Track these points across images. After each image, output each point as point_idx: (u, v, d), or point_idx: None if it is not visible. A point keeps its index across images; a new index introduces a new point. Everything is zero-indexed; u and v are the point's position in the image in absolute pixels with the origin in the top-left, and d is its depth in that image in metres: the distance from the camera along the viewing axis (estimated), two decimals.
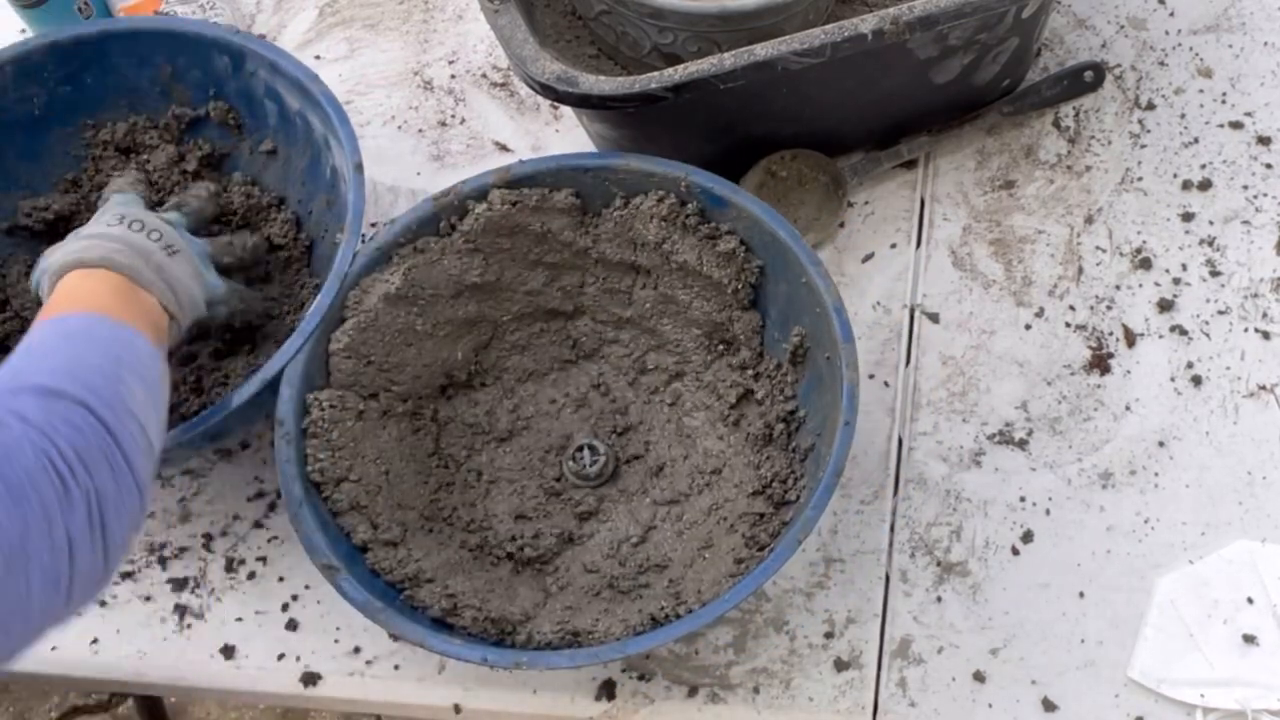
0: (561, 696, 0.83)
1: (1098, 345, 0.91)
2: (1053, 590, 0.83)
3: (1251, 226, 0.94)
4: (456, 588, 0.81)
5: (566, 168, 0.87)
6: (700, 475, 0.87)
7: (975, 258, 0.96)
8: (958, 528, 0.86)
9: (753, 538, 0.81)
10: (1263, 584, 0.82)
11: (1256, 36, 1.02)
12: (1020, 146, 1.00)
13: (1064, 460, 0.87)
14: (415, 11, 1.16)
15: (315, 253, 0.96)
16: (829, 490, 0.74)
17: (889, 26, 0.84)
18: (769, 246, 0.84)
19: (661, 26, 0.92)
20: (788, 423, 0.84)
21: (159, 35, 0.97)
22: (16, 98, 0.96)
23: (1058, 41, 1.04)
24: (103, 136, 0.99)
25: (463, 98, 1.10)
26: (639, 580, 0.83)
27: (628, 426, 0.90)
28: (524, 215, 0.87)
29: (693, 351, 0.90)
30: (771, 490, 0.83)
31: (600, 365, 0.93)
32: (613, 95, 0.85)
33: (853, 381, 0.76)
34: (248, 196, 0.98)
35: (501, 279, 0.89)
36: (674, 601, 0.77)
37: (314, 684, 0.86)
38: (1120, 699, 0.80)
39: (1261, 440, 0.87)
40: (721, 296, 0.87)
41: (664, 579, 0.83)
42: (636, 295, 0.90)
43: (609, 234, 0.88)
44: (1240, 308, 0.91)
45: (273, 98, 0.95)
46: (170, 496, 0.95)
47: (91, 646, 0.89)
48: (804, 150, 0.97)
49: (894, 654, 0.83)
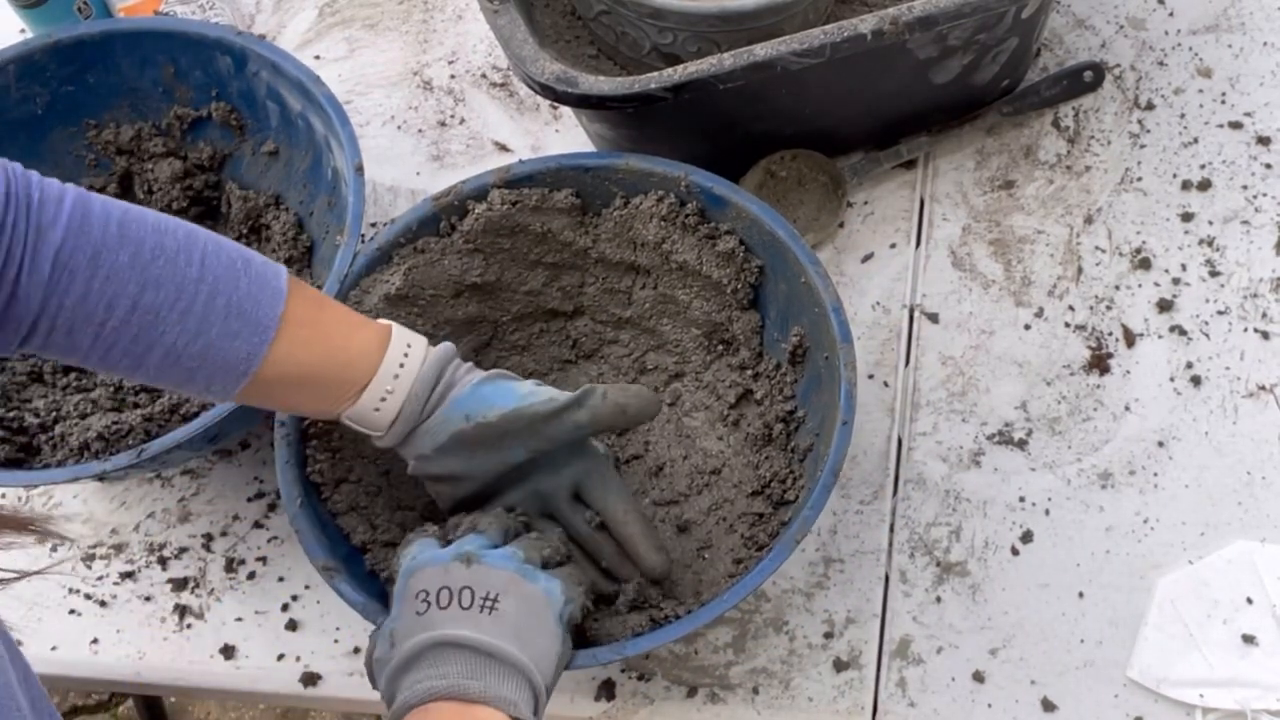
0: (561, 696, 0.83)
1: (1097, 345, 0.91)
2: (1052, 590, 0.83)
3: (1251, 226, 0.94)
4: None
5: (566, 167, 0.87)
6: (699, 475, 0.87)
7: (975, 258, 0.96)
8: (957, 528, 0.86)
9: (751, 538, 0.81)
10: (1262, 584, 0.82)
11: (1256, 36, 1.02)
12: (1020, 146, 1.00)
13: (1063, 460, 0.87)
14: (415, 11, 1.16)
15: (316, 254, 0.96)
16: (827, 489, 0.74)
17: (888, 27, 0.84)
18: (768, 246, 0.84)
19: (661, 26, 0.92)
20: (787, 423, 0.84)
21: (161, 36, 0.97)
22: (19, 97, 0.96)
23: (1057, 41, 1.04)
24: (105, 137, 0.99)
25: (462, 98, 1.10)
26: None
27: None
28: (524, 215, 0.87)
29: (692, 351, 0.90)
30: (770, 490, 0.83)
31: (600, 365, 0.93)
32: (612, 95, 0.85)
33: (851, 381, 0.76)
34: (246, 200, 0.99)
35: (501, 279, 0.89)
36: (672, 602, 0.77)
37: (314, 684, 0.87)
38: (1120, 699, 0.80)
39: (1261, 440, 0.87)
40: (721, 296, 0.87)
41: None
42: (636, 295, 0.90)
43: (609, 234, 0.88)
44: (1240, 308, 0.91)
45: (274, 99, 0.95)
46: (170, 496, 0.95)
47: (91, 646, 0.89)
48: (804, 150, 0.97)
49: (893, 654, 0.83)
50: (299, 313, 0.70)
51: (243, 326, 0.68)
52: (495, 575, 0.68)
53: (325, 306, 0.74)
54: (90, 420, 0.90)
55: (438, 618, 0.67)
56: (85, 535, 0.94)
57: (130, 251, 0.66)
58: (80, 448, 0.89)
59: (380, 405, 0.73)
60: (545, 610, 0.68)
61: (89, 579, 0.92)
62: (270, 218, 0.98)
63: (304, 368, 0.71)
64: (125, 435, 0.89)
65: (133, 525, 0.94)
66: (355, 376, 0.73)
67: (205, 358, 0.68)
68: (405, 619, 0.68)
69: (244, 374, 0.69)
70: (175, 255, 0.67)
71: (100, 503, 0.96)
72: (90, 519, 0.95)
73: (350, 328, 0.74)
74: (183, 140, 1.01)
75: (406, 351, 0.73)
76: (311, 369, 0.71)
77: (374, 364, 0.72)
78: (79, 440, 0.89)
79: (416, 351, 0.74)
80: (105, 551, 0.93)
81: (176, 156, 1.00)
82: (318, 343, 0.71)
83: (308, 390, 0.73)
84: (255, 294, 0.69)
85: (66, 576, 0.92)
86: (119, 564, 0.93)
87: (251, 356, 0.69)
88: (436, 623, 0.66)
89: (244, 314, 0.68)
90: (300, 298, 0.71)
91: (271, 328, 0.69)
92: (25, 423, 0.91)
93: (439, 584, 0.68)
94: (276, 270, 0.71)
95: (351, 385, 0.73)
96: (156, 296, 0.66)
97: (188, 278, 0.67)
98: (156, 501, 0.95)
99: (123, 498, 0.95)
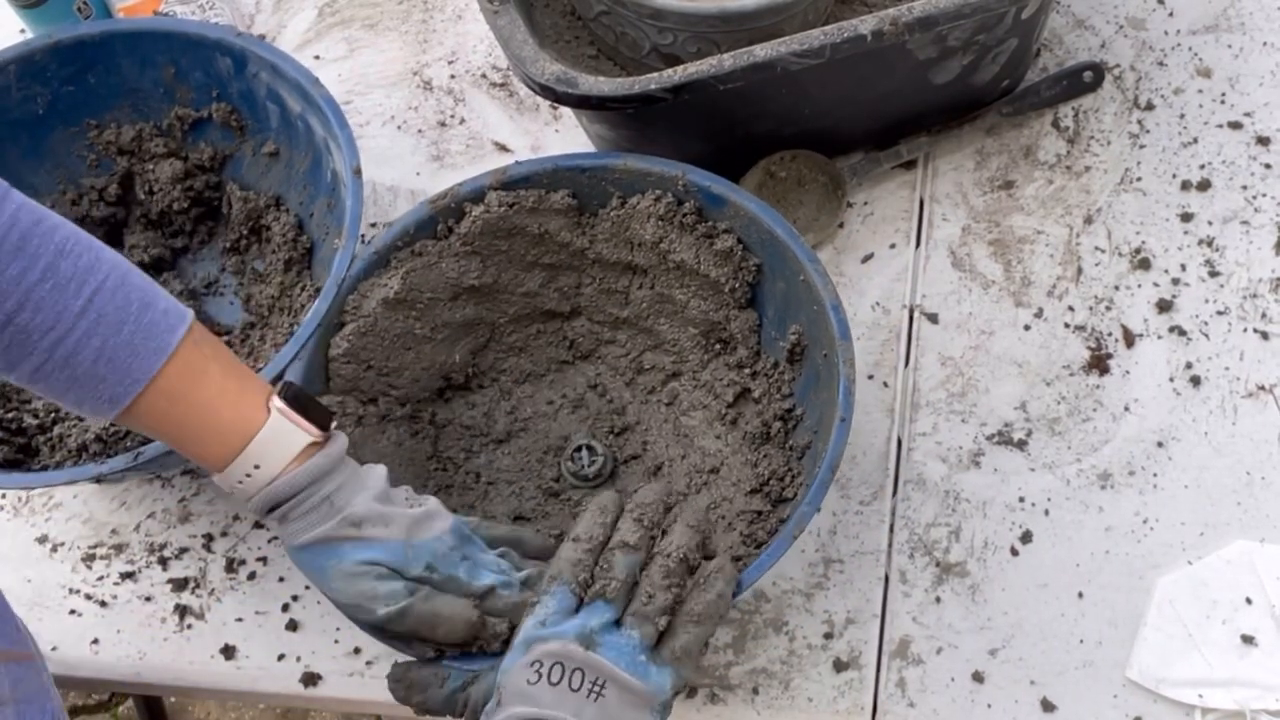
0: None
1: (1097, 346, 0.91)
2: (1051, 590, 0.83)
3: (1250, 227, 0.94)
4: None
5: (563, 168, 0.87)
6: (698, 474, 0.87)
7: (974, 258, 0.96)
8: (957, 528, 0.86)
9: (750, 535, 0.81)
10: (1261, 584, 0.82)
11: (1256, 36, 1.02)
12: (1019, 147, 1.00)
13: (1063, 461, 0.87)
14: (415, 11, 1.16)
15: (316, 255, 0.96)
16: (824, 486, 0.74)
17: (888, 27, 0.84)
18: (766, 245, 0.84)
19: (661, 27, 0.92)
20: (785, 421, 0.84)
21: (162, 36, 0.97)
22: (20, 97, 0.96)
23: (1057, 42, 1.04)
24: (106, 137, 0.99)
25: (462, 98, 1.10)
26: None
27: (625, 427, 0.91)
28: (521, 216, 0.87)
29: (690, 351, 0.90)
30: (769, 488, 0.83)
31: (597, 366, 0.93)
32: (612, 96, 0.85)
33: (849, 378, 0.76)
34: (246, 200, 0.99)
35: (499, 281, 0.89)
36: None
37: (314, 684, 0.87)
38: (1119, 699, 0.80)
39: (1260, 440, 0.87)
40: (719, 295, 0.87)
41: None
42: (633, 295, 0.90)
43: (606, 234, 0.88)
44: (1239, 308, 0.91)
45: (274, 100, 0.95)
46: (170, 496, 0.95)
47: (92, 646, 0.89)
48: (803, 151, 0.97)
49: (893, 654, 0.83)
50: (171, 382, 0.68)
51: (110, 373, 0.67)
52: (610, 669, 0.68)
53: (204, 381, 0.70)
54: (88, 422, 0.90)
55: (545, 695, 0.67)
56: (85, 535, 0.94)
57: (22, 266, 0.65)
58: (78, 449, 0.89)
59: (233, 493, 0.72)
60: (645, 706, 0.68)
61: (89, 579, 0.92)
62: (271, 219, 0.98)
63: (160, 434, 0.71)
64: (123, 437, 0.89)
65: (133, 525, 0.94)
66: (205, 463, 0.71)
67: (70, 387, 0.67)
68: (514, 681, 0.67)
69: (109, 412, 0.68)
70: (66, 283, 0.66)
71: (100, 503, 0.96)
72: (90, 519, 0.95)
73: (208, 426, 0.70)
74: (183, 141, 1.01)
75: (250, 473, 0.70)
76: (168, 437, 0.71)
77: (214, 469, 0.71)
78: (77, 442, 0.89)
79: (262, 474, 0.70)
80: (105, 552, 0.93)
81: (177, 157, 1.00)
82: (171, 424, 0.70)
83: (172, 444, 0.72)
84: (136, 345, 0.67)
85: (66, 576, 0.92)
86: (119, 564, 0.93)
87: (115, 401, 0.68)
88: (542, 700, 0.67)
89: (115, 362, 0.67)
90: (183, 363, 0.69)
91: (140, 383, 0.67)
92: (24, 424, 0.91)
93: (555, 658, 0.67)
94: (173, 325, 0.68)
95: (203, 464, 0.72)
96: (33, 318, 0.65)
97: (69, 309, 0.65)
98: (157, 502, 0.95)
99: (123, 498, 0.95)
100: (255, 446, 0.70)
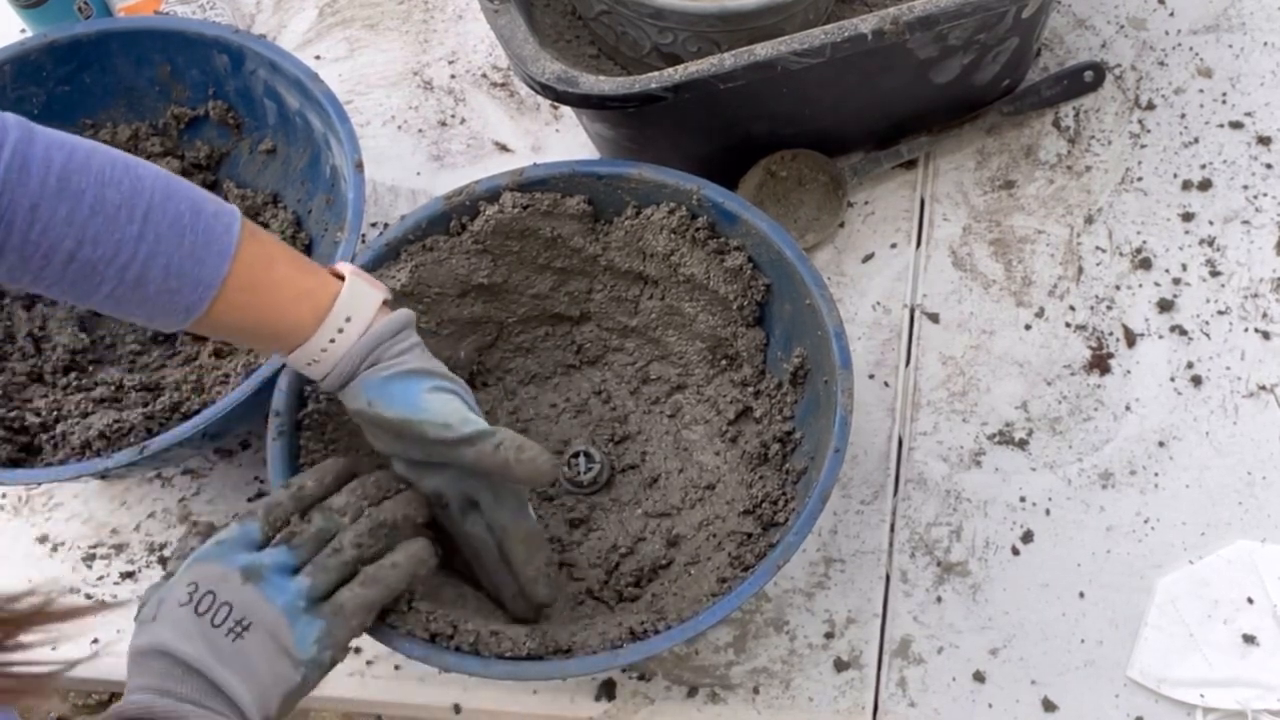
0: (561, 696, 0.83)
1: (1098, 345, 0.91)
2: (1053, 590, 0.83)
3: (1251, 226, 0.94)
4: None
5: (580, 173, 0.86)
6: (694, 489, 0.87)
7: (975, 258, 0.96)
8: (958, 528, 0.86)
9: (738, 557, 0.79)
10: (1263, 584, 0.82)
11: (1256, 36, 1.02)
12: (1020, 146, 1.00)
13: (1064, 460, 0.87)
14: (415, 11, 1.16)
15: (315, 251, 0.96)
16: (813, 517, 0.73)
17: (889, 26, 0.84)
18: (776, 265, 0.83)
19: (661, 26, 0.92)
20: (784, 443, 0.83)
21: (158, 35, 0.97)
22: (15, 97, 0.96)
23: (1057, 41, 1.04)
24: (102, 136, 0.99)
25: (463, 98, 1.10)
26: (623, 592, 0.83)
27: (626, 435, 0.90)
28: (535, 219, 0.86)
29: (695, 364, 0.90)
30: (762, 511, 0.82)
31: (603, 372, 0.93)
32: (613, 95, 0.85)
33: (846, 409, 0.75)
34: (243, 199, 0.98)
35: (509, 281, 0.89)
36: (655, 616, 0.76)
37: None
38: (1120, 699, 0.80)
39: (1261, 440, 0.87)
40: (727, 312, 0.86)
41: (647, 593, 0.82)
42: (643, 305, 0.90)
43: (619, 242, 0.88)
44: (1240, 308, 0.91)
45: (272, 97, 0.95)
46: (171, 496, 0.95)
47: (92, 646, 0.89)
48: (804, 150, 0.97)
49: (894, 654, 0.83)
50: (242, 276, 0.70)
51: (182, 285, 0.68)
52: (262, 609, 0.67)
53: (275, 264, 0.72)
54: (91, 419, 0.90)
55: (189, 623, 0.66)
56: (85, 535, 0.94)
57: (69, 206, 0.65)
58: (82, 446, 0.89)
59: (309, 366, 0.74)
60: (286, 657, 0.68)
61: (89, 579, 0.92)
62: (268, 216, 0.98)
63: (240, 326, 0.72)
64: (127, 433, 0.88)
65: (133, 525, 0.94)
66: (287, 343, 0.73)
67: (145, 304, 0.69)
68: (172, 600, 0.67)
69: (184, 321, 0.70)
70: (116, 212, 0.66)
71: (100, 503, 0.95)
72: (90, 519, 0.95)
73: (293, 296, 0.72)
74: (180, 139, 1.00)
75: (342, 327, 0.73)
76: (246, 328, 0.73)
77: (306, 335, 0.73)
78: (80, 439, 0.89)
79: (355, 326, 0.73)
80: (105, 551, 0.93)
81: (174, 156, 1.00)
82: (253, 309, 0.72)
83: (246, 340, 0.76)
84: (199, 253, 0.69)
85: (67, 576, 0.92)
86: (119, 564, 0.93)
87: (191, 309, 0.69)
88: (185, 627, 0.66)
89: (184, 274, 0.68)
90: (249, 255, 0.70)
91: (212, 288, 0.69)
92: (26, 422, 0.91)
93: (208, 586, 0.67)
94: (228, 223, 0.70)
95: (284, 347, 0.74)
96: (94, 252, 0.66)
97: (127, 236, 0.66)
98: (157, 501, 0.95)
99: (123, 498, 0.95)
100: (344, 301, 0.72)
